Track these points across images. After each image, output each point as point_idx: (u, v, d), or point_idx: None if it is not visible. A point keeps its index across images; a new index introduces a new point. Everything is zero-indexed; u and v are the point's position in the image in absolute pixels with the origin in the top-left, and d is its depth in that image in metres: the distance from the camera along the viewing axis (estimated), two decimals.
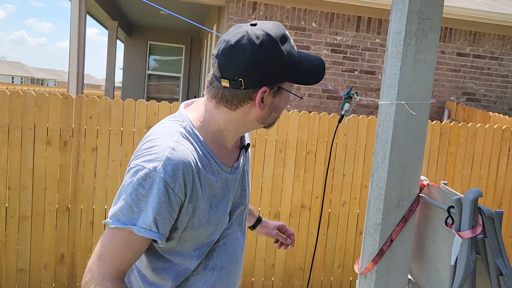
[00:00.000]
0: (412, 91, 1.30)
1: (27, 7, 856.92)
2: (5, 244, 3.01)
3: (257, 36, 1.00)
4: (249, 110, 1.06)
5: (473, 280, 1.19)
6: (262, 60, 1.00)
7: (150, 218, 0.96)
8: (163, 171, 0.95)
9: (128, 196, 0.97)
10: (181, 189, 0.98)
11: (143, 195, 0.96)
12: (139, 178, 0.96)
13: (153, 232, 0.97)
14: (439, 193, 1.31)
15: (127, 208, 0.97)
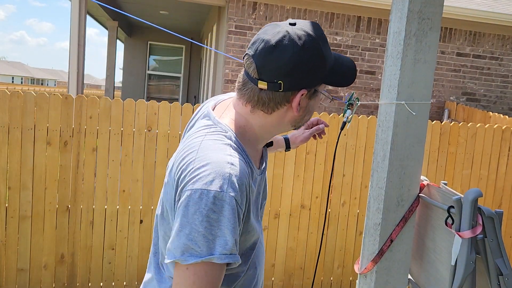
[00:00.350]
0: (412, 91, 1.30)
1: (27, 7, 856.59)
2: (5, 244, 3.01)
3: (299, 36, 0.96)
4: (285, 113, 1.03)
5: (473, 280, 1.19)
6: (303, 62, 0.96)
7: (231, 241, 0.86)
8: (231, 189, 0.87)
9: (199, 225, 0.85)
10: (243, 202, 0.91)
11: (215, 219, 0.85)
12: (207, 203, 0.85)
13: (234, 255, 0.87)
14: (439, 193, 1.32)
15: (201, 238, 0.84)
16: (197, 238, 0.85)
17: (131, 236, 3.20)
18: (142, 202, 3.20)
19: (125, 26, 11.42)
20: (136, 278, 3.23)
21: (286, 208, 3.41)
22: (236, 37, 6.03)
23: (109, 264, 3.19)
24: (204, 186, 0.86)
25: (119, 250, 3.19)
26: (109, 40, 10.33)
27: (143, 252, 3.23)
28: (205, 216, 0.85)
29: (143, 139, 3.15)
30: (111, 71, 10.31)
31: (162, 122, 3.17)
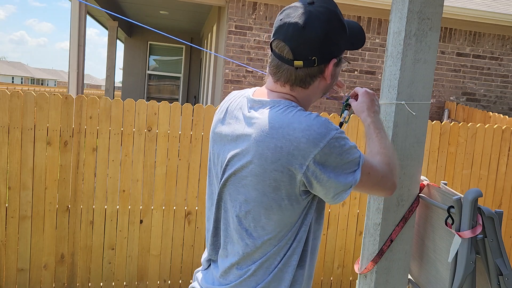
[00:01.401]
0: (412, 91, 1.30)
1: (27, 7, 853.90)
2: (5, 244, 3.01)
3: (321, 13, 1.08)
4: (318, 84, 1.16)
5: (473, 280, 1.19)
6: (331, 35, 1.09)
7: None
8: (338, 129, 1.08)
9: (349, 149, 1.07)
10: None
11: (349, 144, 1.09)
12: (340, 139, 1.06)
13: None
14: (439, 193, 1.32)
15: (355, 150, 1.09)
16: (354, 151, 1.09)
17: (131, 236, 3.20)
18: (142, 202, 3.20)
19: (125, 26, 11.42)
20: (136, 278, 3.23)
21: None
22: (236, 37, 6.02)
23: (109, 264, 3.19)
24: (333, 131, 1.06)
25: (119, 250, 3.19)
26: (109, 40, 10.33)
27: (143, 252, 3.23)
28: (345, 144, 1.07)
29: (143, 139, 3.15)
30: (111, 71, 10.31)
31: (162, 122, 3.17)
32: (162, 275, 3.28)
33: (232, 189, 1.15)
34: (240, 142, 1.12)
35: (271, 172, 1.07)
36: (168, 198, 3.22)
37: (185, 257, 3.31)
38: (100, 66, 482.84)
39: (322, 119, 1.07)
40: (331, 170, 1.06)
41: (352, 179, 1.09)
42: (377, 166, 1.16)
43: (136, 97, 11.92)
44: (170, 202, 3.23)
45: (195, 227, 3.29)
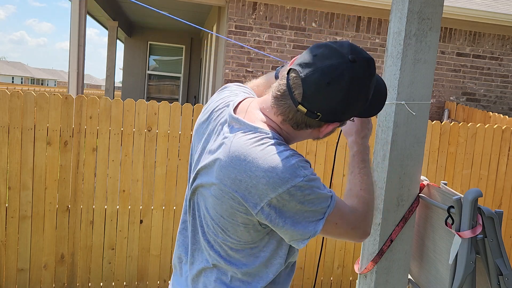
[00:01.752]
0: (412, 91, 1.30)
1: (27, 7, 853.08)
2: (5, 244, 3.01)
3: (353, 79, 0.98)
4: (311, 132, 1.09)
5: (473, 280, 1.19)
6: (347, 104, 1.01)
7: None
8: (307, 171, 1.01)
9: (314, 198, 1.01)
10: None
11: (314, 192, 1.01)
12: (305, 188, 0.99)
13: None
14: (439, 193, 1.32)
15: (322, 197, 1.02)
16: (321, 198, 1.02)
17: (131, 236, 3.20)
18: (142, 202, 3.20)
19: (125, 26, 11.42)
20: (136, 278, 3.24)
21: None
22: (236, 37, 6.03)
23: (109, 264, 3.19)
24: (296, 177, 0.99)
25: (119, 250, 3.19)
26: (109, 40, 10.33)
27: (143, 252, 3.23)
28: (311, 196, 1.01)
29: (143, 139, 3.15)
30: (111, 71, 10.31)
31: (162, 122, 3.17)
32: (162, 275, 3.28)
33: (200, 199, 1.13)
34: (212, 158, 1.08)
35: (228, 199, 1.03)
36: (168, 198, 3.23)
37: None
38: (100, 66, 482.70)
39: (291, 162, 0.99)
40: (289, 216, 1.01)
41: (312, 229, 1.02)
42: (349, 215, 1.09)
43: (136, 97, 11.92)
44: (170, 202, 3.23)
45: None
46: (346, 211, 1.08)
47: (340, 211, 1.06)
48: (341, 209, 1.06)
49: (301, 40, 6.18)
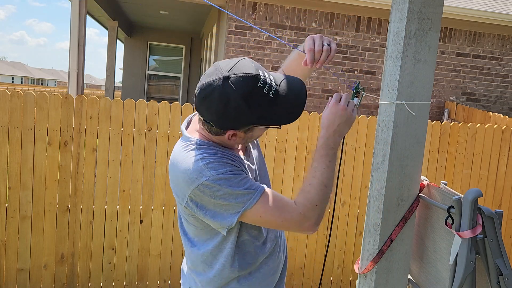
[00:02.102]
0: (412, 91, 1.30)
1: (27, 8, 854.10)
2: (5, 244, 3.01)
3: (224, 94, 1.12)
4: (228, 138, 1.22)
5: (473, 280, 1.19)
6: (226, 115, 1.14)
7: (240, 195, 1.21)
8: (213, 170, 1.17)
9: (223, 195, 1.16)
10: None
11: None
12: (211, 186, 1.15)
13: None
14: (439, 193, 1.32)
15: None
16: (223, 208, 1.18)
17: (131, 236, 3.20)
18: (142, 202, 3.20)
19: (125, 26, 11.42)
20: (136, 278, 3.23)
21: None
22: (236, 37, 6.03)
23: (109, 264, 3.19)
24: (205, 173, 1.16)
25: (119, 250, 3.19)
26: (109, 40, 10.33)
27: (143, 252, 3.23)
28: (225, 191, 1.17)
29: (143, 139, 3.15)
30: (111, 71, 10.31)
31: (162, 122, 3.17)
32: (162, 275, 3.28)
33: None
34: None
35: (175, 196, 1.27)
36: (168, 198, 3.22)
37: None
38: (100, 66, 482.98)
39: (199, 164, 1.16)
40: (208, 209, 1.18)
41: (229, 221, 1.18)
42: (277, 209, 1.18)
43: (136, 97, 11.92)
44: (170, 202, 3.23)
45: None
46: (275, 205, 1.18)
47: (265, 206, 1.17)
48: (266, 204, 1.17)
49: (301, 40, 6.19)
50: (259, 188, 1.19)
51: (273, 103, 1.16)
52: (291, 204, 1.20)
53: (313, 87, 6.32)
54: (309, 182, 1.23)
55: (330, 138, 1.26)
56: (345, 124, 1.27)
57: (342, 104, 1.28)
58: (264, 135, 3.30)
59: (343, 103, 1.29)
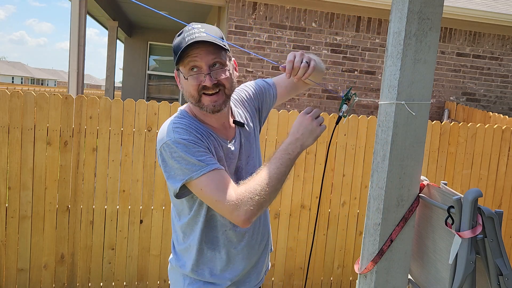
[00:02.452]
0: (412, 91, 1.30)
1: (27, 8, 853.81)
2: (5, 244, 3.01)
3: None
4: (182, 90, 1.39)
5: (473, 280, 1.19)
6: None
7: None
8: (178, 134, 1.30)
9: (177, 157, 1.27)
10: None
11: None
12: (169, 147, 1.28)
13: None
14: (439, 193, 1.32)
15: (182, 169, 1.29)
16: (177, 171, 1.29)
17: (131, 236, 3.20)
18: (142, 202, 3.20)
19: (125, 26, 11.41)
20: (136, 278, 3.23)
21: (286, 208, 3.41)
22: (236, 37, 6.02)
23: (109, 264, 3.19)
24: (165, 139, 1.30)
25: (119, 250, 3.19)
26: (109, 40, 10.33)
27: (143, 252, 3.23)
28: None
29: (143, 139, 3.15)
30: (111, 71, 10.31)
31: (162, 122, 3.16)
32: (162, 275, 3.28)
33: None
34: None
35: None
36: (168, 198, 3.22)
37: None
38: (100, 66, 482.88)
39: (169, 127, 1.31)
40: (165, 169, 1.30)
41: (176, 185, 1.27)
42: (218, 189, 1.24)
43: (136, 97, 11.92)
44: (170, 202, 3.23)
45: None
46: (217, 185, 1.24)
47: (208, 182, 1.24)
48: (210, 181, 1.24)
49: (301, 40, 6.19)
50: (212, 165, 1.25)
51: (180, 44, 1.31)
52: (231, 191, 1.24)
53: (312, 87, 6.32)
54: (253, 177, 1.28)
55: (291, 145, 1.30)
56: (309, 135, 1.31)
57: (308, 116, 1.33)
58: (264, 134, 3.30)
59: (309, 115, 1.33)
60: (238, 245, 1.42)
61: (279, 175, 1.26)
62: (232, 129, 1.45)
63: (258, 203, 1.23)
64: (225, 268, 1.42)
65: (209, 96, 1.32)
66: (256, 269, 1.50)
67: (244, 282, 1.48)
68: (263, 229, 1.51)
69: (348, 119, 3.42)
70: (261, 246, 1.50)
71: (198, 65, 1.30)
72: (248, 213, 1.23)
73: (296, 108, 6.24)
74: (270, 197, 1.26)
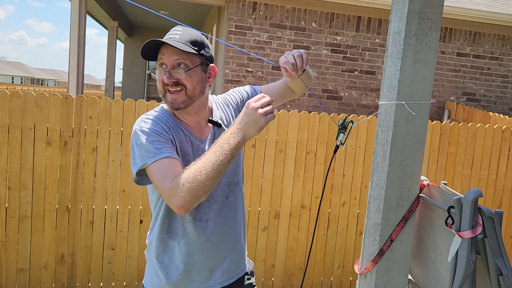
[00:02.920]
0: (412, 91, 1.30)
1: (27, 8, 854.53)
2: (5, 244, 3.01)
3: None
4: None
5: (473, 280, 1.19)
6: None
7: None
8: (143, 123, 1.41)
9: (140, 144, 1.36)
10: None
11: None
12: (136, 134, 1.39)
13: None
14: (439, 193, 1.32)
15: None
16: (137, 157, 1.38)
17: (131, 236, 3.20)
18: (142, 202, 3.20)
19: (125, 26, 11.41)
20: (136, 278, 3.23)
21: (286, 208, 3.41)
22: (236, 37, 6.02)
23: (109, 264, 3.19)
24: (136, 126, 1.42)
25: (119, 250, 3.19)
26: (109, 40, 10.33)
27: (143, 252, 3.22)
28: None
29: None
30: (111, 71, 10.31)
31: None
32: None
33: None
34: None
35: None
36: None
37: None
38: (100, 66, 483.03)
39: (141, 118, 1.42)
40: (132, 154, 1.38)
41: (133, 171, 1.37)
42: (162, 176, 1.30)
43: (136, 97, 11.91)
44: None
45: None
46: (162, 172, 1.31)
47: (156, 169, 1.31)
48: (158, 168, 1.31)
49: (301, 40, 6.19)
50: (164, 153, 1.32)
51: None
52: (169, 177, 1.29)
53: (313, 87, 6.32)
54: (191, 165, 1.31)
55: (233, 134, 1.31)
56: (252, 125, 1.30)
57: (254, 105, 1.31)
58: (264, 135, 3.30)
59: (256, 104, 1.32)
60: (197, 240, 1.47)
61: (215, 164, 1.28)
62: (208, 128, 1.52)
63: (190, 190, 1.26)
64: (184, 259, 1.47)
65: (170, 93, 1.41)
66: (222, 267, 1.53)
67: (207, 278, 1.52)
68: (230, 230, 1.55)
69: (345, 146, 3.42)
70: (226, 245, 1.54)
71: (165, 62, 1.40)
72: (181, 200, 1.26)
73: (296, 108, 6.23)
74: (205, 185, 1.27)
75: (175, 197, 1.27)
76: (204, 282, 1.51)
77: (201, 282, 1.50)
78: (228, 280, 1.56)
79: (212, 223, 1.48)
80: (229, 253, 1.55)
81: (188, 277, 1.49)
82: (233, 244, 1.57)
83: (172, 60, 1.39)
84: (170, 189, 1.27)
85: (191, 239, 1.47)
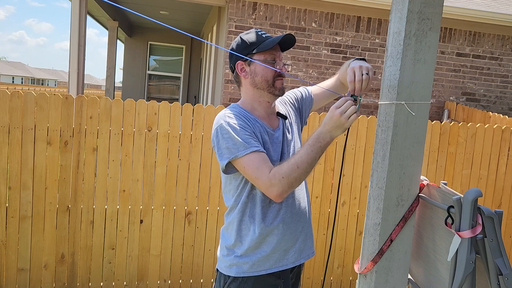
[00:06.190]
0: (411, 91, 1.30)
1: (26, 8, 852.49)
2: (6, 244, 3.01)
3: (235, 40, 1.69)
4: (244, 82, 1.67)
5: (473, 280, 1.19)
6: (233, 53, 1.66)
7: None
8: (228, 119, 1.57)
9: (228, 138, 1.52)
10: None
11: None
12: (223, 129, 1.54)
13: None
14: (439, 193, 1.32)
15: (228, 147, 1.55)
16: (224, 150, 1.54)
17: (131, 236, 3.20)
18: (142, 202, 3.20)
19: (125, 26, 11.41)
20: (136, 278, 3.24)
21: None
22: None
23: (109, 264, 3.19)
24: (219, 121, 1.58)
25: (119, 250, 3.19)
26: (109, 40, 10.33)
27: (143, 252, 3.23)
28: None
29: (143, 139, 3.15)
30: (111, 71, 10.31)
31: (162, 122, 3.17)
32: (162, 275, 3.28)
33: None
34: None
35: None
36: (168, 198, 3.23)
37: (185, 257, 3.31)
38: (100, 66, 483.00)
39: (223, 114, 1.58)
40: (217, 148, 1.54)
41: (224, 162, 1.53)
42: (258, 168, 1.48)
43: (136, 97, 11.92)
44: (170, 202, 3.24)
45: (195, 227, 3.30)
46: (257, 164, 1.48)
47: (250, 161, 1.48)
48: (252, 160, 1.48)
49: (301, 40, 6.19)
50: (255, 147, 1.50)
51: (262, 39, 1.62)
52: (267, 170, 1.47)
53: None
54: (287, 161, 1.49)
55: (321, 134, 1.47)
56: (337, 128, 1.45)
57: (338, 111, 1.44)
58: None
59: (338, 110, 1.44)
60: (273, 221, 1.61)
61: (310, 159, 1.45)
62: (277, 120, 1.72)
63: (288, 182, 1.45)
64: (261, 241, 1.61)
65: (280, 81, 1.63)
66: (294, 247, 1.67)
67: (282, 257, 1.64)
68: (300, 211, 1.69)
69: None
70: (298, 226, 1.67)
71: (278, 57, 1.63)
72: (280, 190, 1.46)
73: None
74: (300, 178, 1.47)
75: (274, 188, 1.45)
76: (278, 262, 1.63)
77: (276, 261, 1.63)
78: (299, 259, 1.70)
79: (285, 205, 1.64)
80: (300, 233, 1.69)
81: (265, 257, 1.61)
82: (303, 226, 1.70)
83: (281, 55, 1.66)
84: (269, 181, 1.46)
85: (268, 222, 1.60)
